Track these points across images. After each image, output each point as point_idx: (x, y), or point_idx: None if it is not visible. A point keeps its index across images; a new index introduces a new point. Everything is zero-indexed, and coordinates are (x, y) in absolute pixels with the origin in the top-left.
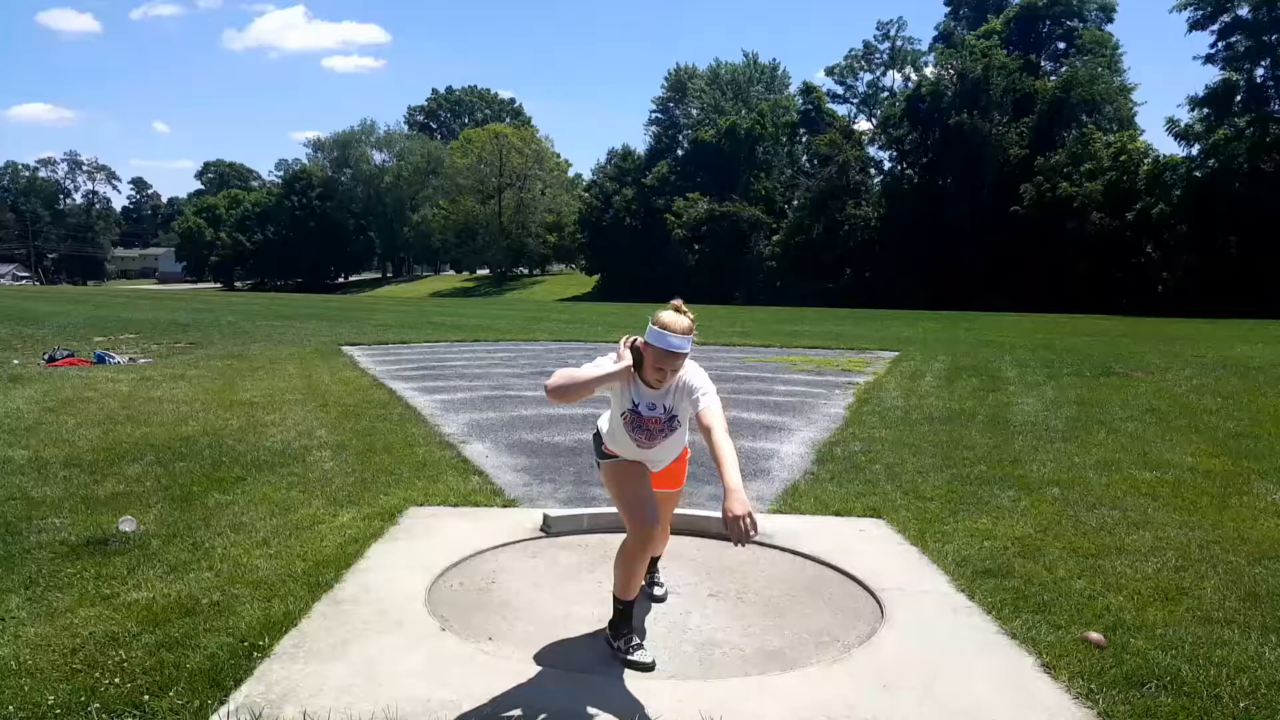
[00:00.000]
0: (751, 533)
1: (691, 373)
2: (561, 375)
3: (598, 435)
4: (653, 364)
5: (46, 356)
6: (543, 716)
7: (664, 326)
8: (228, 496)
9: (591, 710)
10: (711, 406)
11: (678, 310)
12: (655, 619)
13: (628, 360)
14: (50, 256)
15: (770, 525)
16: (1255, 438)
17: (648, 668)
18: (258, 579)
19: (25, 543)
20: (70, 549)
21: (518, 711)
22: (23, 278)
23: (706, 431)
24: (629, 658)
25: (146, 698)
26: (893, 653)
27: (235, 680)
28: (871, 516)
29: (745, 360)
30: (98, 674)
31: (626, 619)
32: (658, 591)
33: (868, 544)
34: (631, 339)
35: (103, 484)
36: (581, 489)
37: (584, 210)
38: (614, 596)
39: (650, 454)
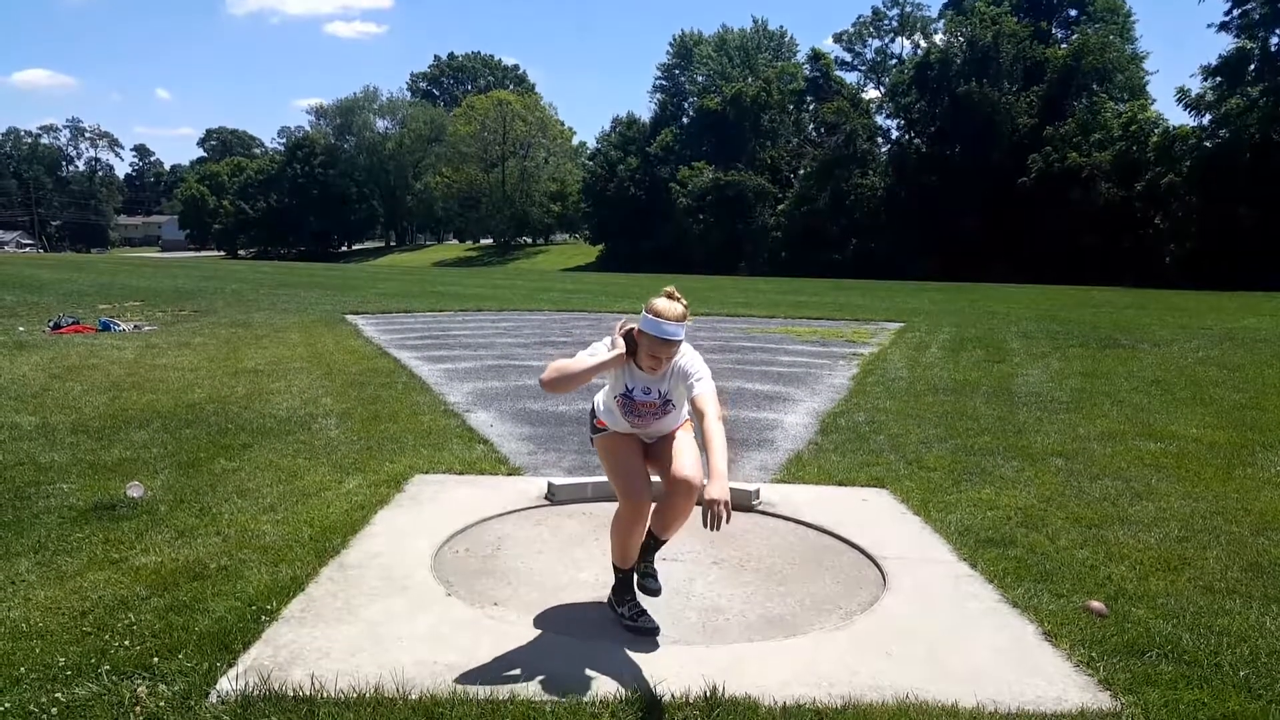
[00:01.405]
0: (724, 520)
1: (687, 357)
2: (555, 368)
3: (592, 411)
4: (647, 351)
5: (51, 324)
6: (547, 681)
7: (658, 314)
8: (234, 463)
9: (595, 675)
10: (705, 392)
11: (671, 297)
12: (659, 584)
13: (621, 348)
14: (54, 224)
15: (774, 494)
16: (1260, 409)
17: (652, 633)
18: (265, 544)
19: (34, 507)
20: (79, 514)
21: (522, 675)
22: (26, 245)
23: (700, 416)
24: (633, 624)
25: (156, 660)
26: (895, 620)
27: (243, 643)
28: (875, 486)
29: (749, 331)
30: (107, 636)
31: (627, 586)
32: (650, 584)
33: (871, 513)
34: (625, 325)
35: (110, 450)
36: (586, 457)
37: (588, 179)
38: (613, 565)
39: (644, 435)
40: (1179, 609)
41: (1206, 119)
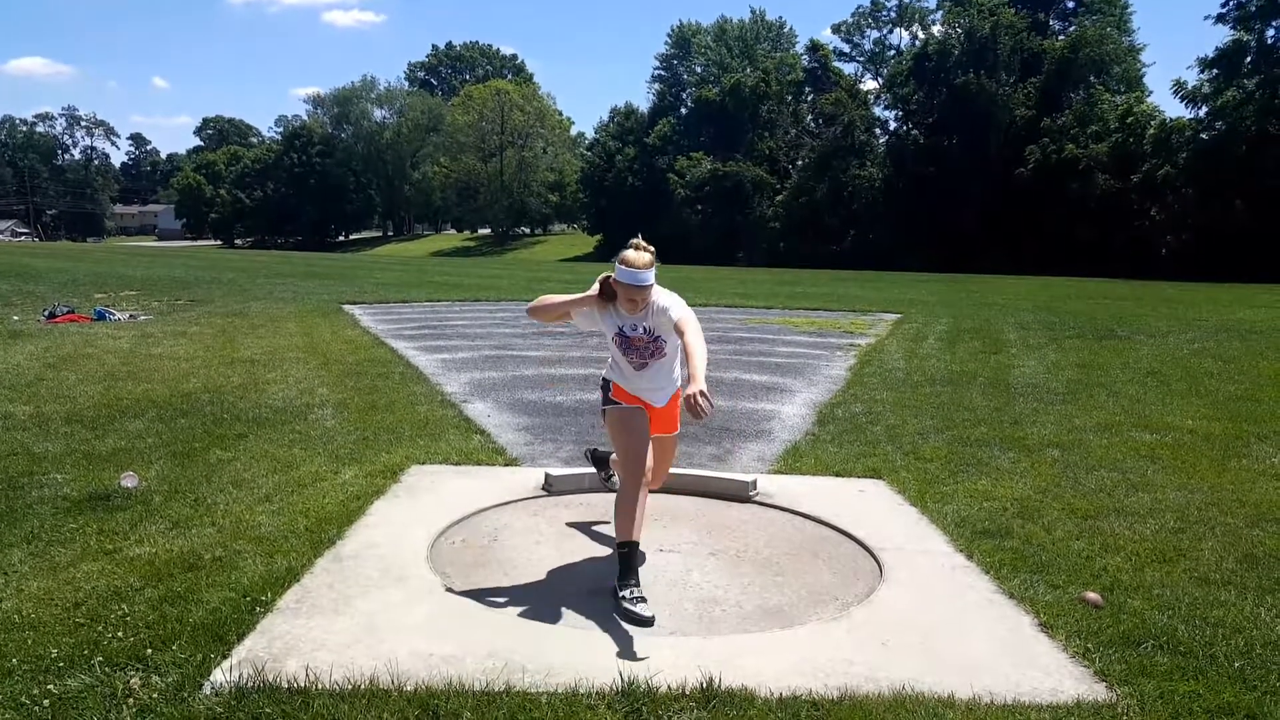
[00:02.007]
0: (706, 408)
1: (663, 296)
2: (540, 299)
3: (605, 383)
4: (624, 296)
5: (46, 313)
6: (543, 672)
7: (628, 263)
8: (229, 453)
9: (591, 666)
10: (685, 316)
11: (638, 247)
12: (656, 577)
13: (595, 290)
14: (49, 213)
15: (770, 485)
16: (1255, 401)
17: (647, 622)
18: (260, 535)
19: (27, 498)
20: (72, 504)
21: (518, 667)
22: (22, 234)
23: (680, 334)
24: (630, 608)
25: (149, 651)
26: (891, 611)
27: (238, 634)
28: (871, 477)
29: (747, 321)
30: (100, 627)
31: (629, 564)
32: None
33: (867, 504)
34: (605, 276)
35: (104, 440)
36: (583, 448)
37: (586, 169)
38: (619, 544)
39: (647, 379)
40: (1174, 600)
41: (1203, 111)
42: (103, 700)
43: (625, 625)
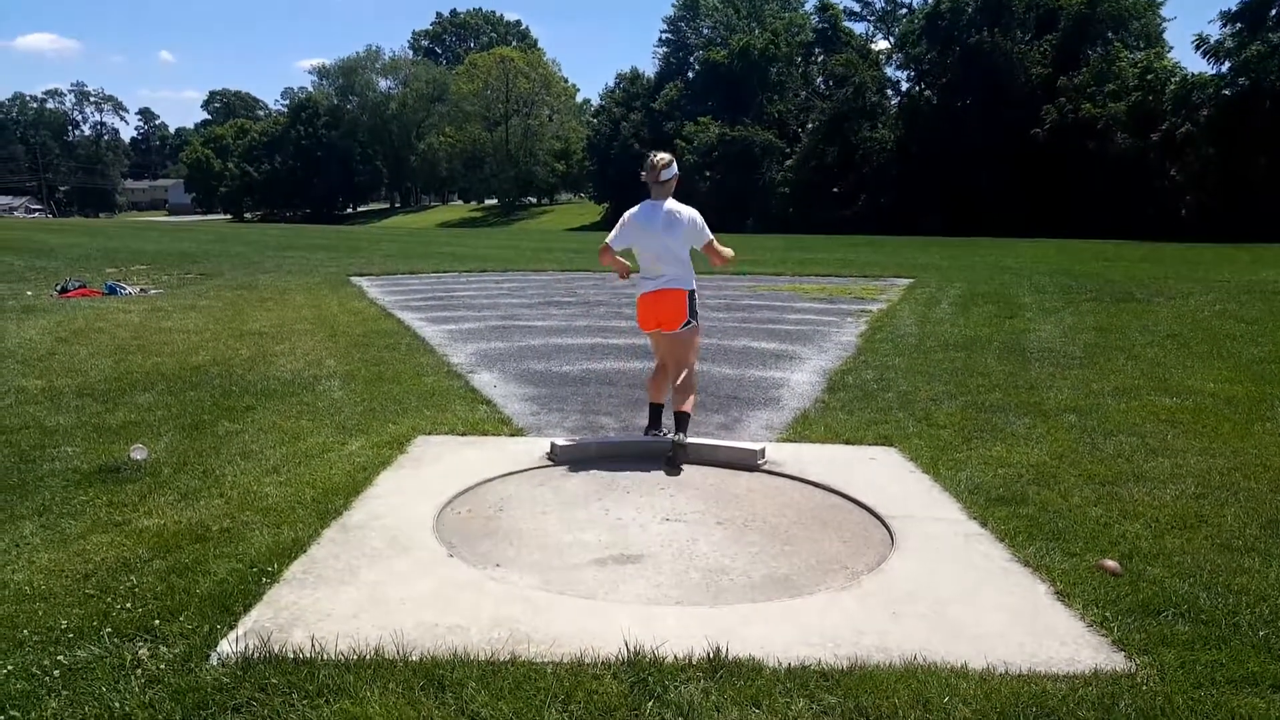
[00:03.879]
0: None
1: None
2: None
3: (693, 294)
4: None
5: (59, 288)
6: (548, 642)
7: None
8: (238, 425)
9: (597, 636)
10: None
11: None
12: (663, 545)
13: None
14: (61, 189)
15: (780, 453)
16: (1279, 363)
17: (663, 445)
18: (267, 506)
19: (38, 471)
20: (83, 477)
21: (523, 637)
22: (35, 210)
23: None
24: (654, 437)
25: (157, 622)
26: (902, 580)
27: (245, 605)
28: (883, 445)
29: (756, 288)
30: (109, 599)
31: (655, 420)
32: (664, 435)
33: (878, 472)
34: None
35: (114, 413)
36: (589, 418)
37: (592, 137)
38: (649, 404)
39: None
40: (1195, 567)
41: (1225, 67)
42: (111, 671)
43: (632, 591)
